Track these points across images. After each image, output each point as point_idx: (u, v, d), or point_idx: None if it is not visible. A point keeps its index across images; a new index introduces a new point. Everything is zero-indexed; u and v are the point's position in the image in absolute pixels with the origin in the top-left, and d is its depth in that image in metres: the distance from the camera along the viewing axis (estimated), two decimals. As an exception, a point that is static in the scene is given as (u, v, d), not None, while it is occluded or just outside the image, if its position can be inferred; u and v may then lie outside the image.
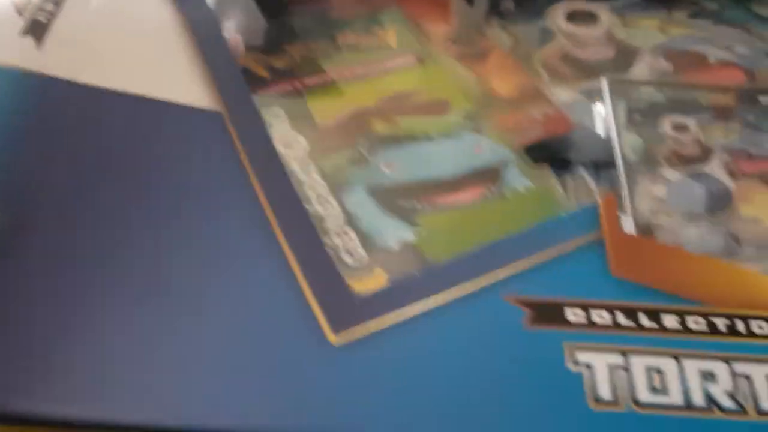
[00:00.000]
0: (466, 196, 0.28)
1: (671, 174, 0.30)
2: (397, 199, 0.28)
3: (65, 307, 0.21)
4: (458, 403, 0.20)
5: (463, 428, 0.19)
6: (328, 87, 0.31)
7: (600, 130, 0.32)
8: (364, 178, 0.28)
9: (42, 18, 0.27)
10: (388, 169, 0.29)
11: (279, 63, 0.31)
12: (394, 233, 0.26)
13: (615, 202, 0.23)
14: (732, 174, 0.30)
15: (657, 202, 0.28)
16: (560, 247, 0.22)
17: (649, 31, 0.36)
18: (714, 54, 0.35)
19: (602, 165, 0.31)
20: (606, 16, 0.37)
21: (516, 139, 0.30)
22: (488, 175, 0.29)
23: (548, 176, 0.31)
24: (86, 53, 0.26)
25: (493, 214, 0.28)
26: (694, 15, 0.37)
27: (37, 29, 0.27)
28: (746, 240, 0.28)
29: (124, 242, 0.22)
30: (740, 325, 0.21)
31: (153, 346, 0.20)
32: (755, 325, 0.21)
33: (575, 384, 0.20)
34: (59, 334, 0.20)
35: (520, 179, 0.29)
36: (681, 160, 0.30)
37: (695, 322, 0.21)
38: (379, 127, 0.30)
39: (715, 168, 0.30)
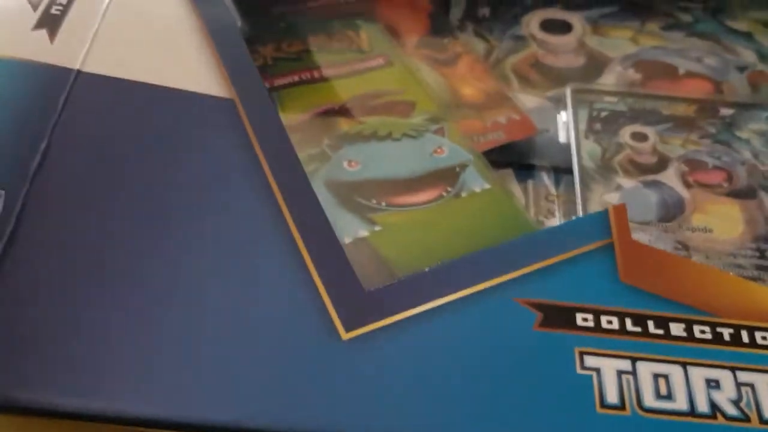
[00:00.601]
0: (423, 197, 0.29)
1: (626, 181, 0.30)
2: (356, 196, 0.29)
3: (68, 298, 0.21)
4: (466, 401, 0.20)
5: (470, 427, 0.19)
6: (298, 87, 0.32)
7: (561, 137, 0.32)
8: (323, 173, 0.29)
9: (55, 11, 0.27)
10: (350, 166, 0.30)
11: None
12: (348, 228, 0.27)
13: (625, 210, 0.23)
14: (687, 184, 0.30)
15: (609, 208, 0.29)
16: (571, 253, 0.22)
17: (621, 41, 0.37)
18: (684, 65, 0.36)
19: (562, 170, 0.32)
20: (579, 26, 0.37)
21: (478, 142, 0.31)
22: (446, 176, 0.30)
23: (507, 178, 0.31)
24: (99, 45, 0.27)
25: (448, 214, 0.29)
26: (668, 27, 0.38)
27: (50, 22, 0.27)
28: (695, 248, 0.29)
29: (134, 230, 0.22)
30: (745, 336, 0.21)
31: (162, 339, 0.20)
32: (759, 336, 0.21)
33: (584, 387, 0.20)
34: (62, 324, 0.20)
35: (478, 181, 0.29)
36: (637, 168, 0.31)
37: (701, 331, 0.21)
38: (345, 125, 0.31)
39: (671, 177, 0.31)
